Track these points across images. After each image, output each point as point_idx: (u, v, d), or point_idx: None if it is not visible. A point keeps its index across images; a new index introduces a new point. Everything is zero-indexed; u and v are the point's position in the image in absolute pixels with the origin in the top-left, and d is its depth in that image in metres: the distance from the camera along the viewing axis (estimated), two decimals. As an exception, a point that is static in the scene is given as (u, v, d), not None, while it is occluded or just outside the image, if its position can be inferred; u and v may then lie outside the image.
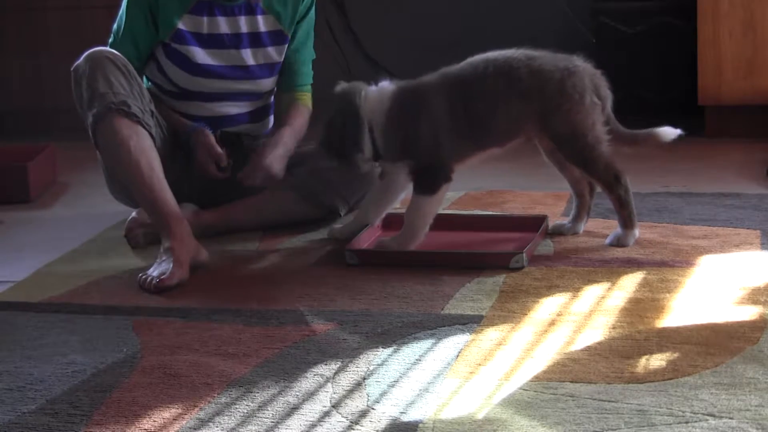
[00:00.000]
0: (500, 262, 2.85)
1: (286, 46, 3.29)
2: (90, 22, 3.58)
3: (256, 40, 3.26)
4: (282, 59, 3.30)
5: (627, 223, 2.99)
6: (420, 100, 2.93)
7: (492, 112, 2.92)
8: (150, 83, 3.31)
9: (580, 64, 2.97)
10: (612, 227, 3.14)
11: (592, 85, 2.95)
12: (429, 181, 2.94)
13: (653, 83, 4.59)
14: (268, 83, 3.31)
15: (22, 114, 5.05)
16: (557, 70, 2.93)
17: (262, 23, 3.26)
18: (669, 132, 3.01)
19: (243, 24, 3.24)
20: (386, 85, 2.97)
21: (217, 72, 3.24)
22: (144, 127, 3.03)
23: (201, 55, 3.22)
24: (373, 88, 2.97)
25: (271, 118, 3.45)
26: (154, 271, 2.87)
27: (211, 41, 3.23)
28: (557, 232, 3.10)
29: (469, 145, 2.96)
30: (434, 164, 2.93)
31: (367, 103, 2.93)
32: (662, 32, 4.53)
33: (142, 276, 2.86)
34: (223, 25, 3.23)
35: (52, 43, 5.00)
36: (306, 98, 3.37)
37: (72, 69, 3.09)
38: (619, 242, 2.99)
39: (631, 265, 2.83)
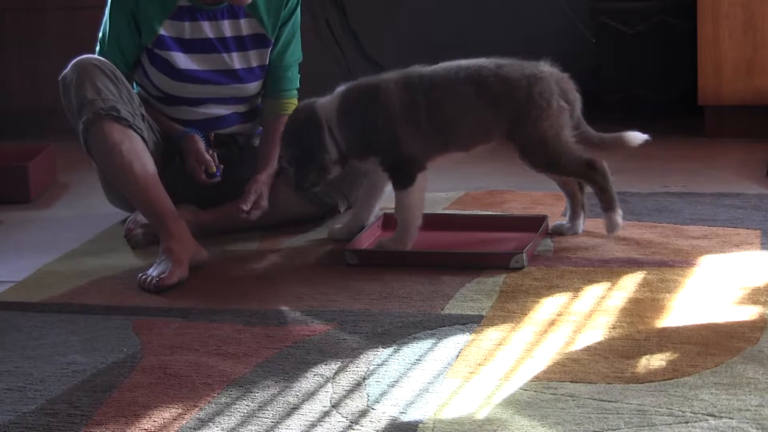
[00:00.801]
0: (500, 262, 2.85)
1: (270, 49, 3.29)
2: (90, 22, 3.58)
3: (240, 43, 3.25)
4: (267, 63, 3.29)
5: (609, 206, 3.00)
6: (372, 95, 2.96)
7: (460, 118, 2.95)
8: (139, 88, 3.31)
9: (547, 69, 2.98)
10: (612, 227, 3.14)
11: (559, 90, 2.95)
12: (403, 173, 2.95)
13: (653, 83, 4.59)
14: (253, 87, 3.30)
15: (22, 114, 5.05)
16: (524, 78, 2.94)
17: (245, 27, 3.24)
18: (637, 136, 3.03)
19: (226, 28, 3.23)
20: (339, 88, 3.02)
21: (201, 77, 3.23)
22: (135, 131, 3.03)
23: (183, 61, 3.21)
24: (326, 96, 3.01)
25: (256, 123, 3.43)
26: (153, 271, 2.87)
27: (194, 46, 3.22)
28: (557, 233, 3.10)
29: (434, 147, 2.98)
30: (402, 158, 2.94)
31: (321, 106, 2.97)
32: (662, 32, 4.53)
33: (141, 276, 2.87)
34: (206, 29, 3.22)
35: (51, 43, 5.00)
36: (291, 106, 3.35)
37: (60, 78, 3.09)
38: (611, 227, 3.00)
39: (631, 265, 2.83)
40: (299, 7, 3.32)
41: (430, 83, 2.96)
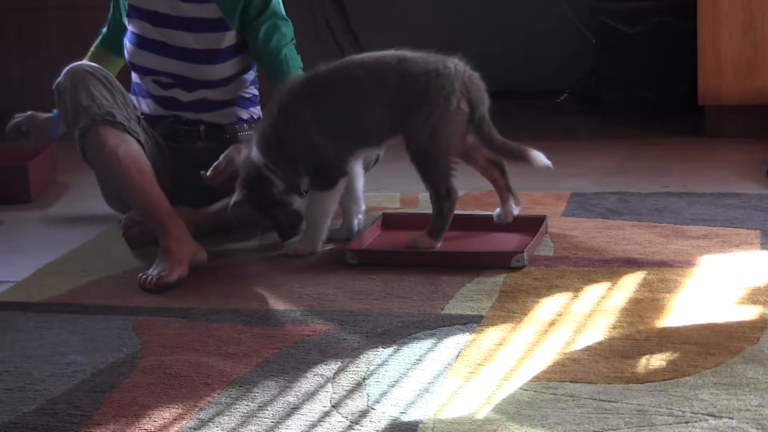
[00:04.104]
0: (501, 262, 2.85)
1: (228, 33, 3.27)
2: (90, 22, 3.59)
3: (195, 24, 3.27)
4: (222, 47, 3.29)
5: (433, 232, 2.94)
6: (278, 112, 2.98)
7: (363, 115, 2.94)
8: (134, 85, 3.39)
9: (452, 66, 2.91)
10: (612, 227, 3.14)
11: (463, 90, 2.88)
12: (325, 177, 2.98)
13: (653, 83, 4.59)
14: (211, 70, 3.30)
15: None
16: (424, 73, 2.89)
17: (202, 9, 3.27)
18: (540, 159, 2.91)
19: (185, 8, 3.26)
20: (254, 131, 3.08)
21: (161, 48, 3.27)
22: (131, 135, 3.05)
23: (149, 30, 3.28)
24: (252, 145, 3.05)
25: (238, 110, 3.41)
26: (153, 271, 2.87)
27: (157, 19, 3.28)
28: (498, 221, 3.09)
29: (348, 145, 2.99)
30: (324, 162, 2.97)
31: (253, 155, 3.00)
32: (662, 32, 4.53)
33: (141, 276, 2.87)
34: (166, 5, 3.26)
35: (52, 43, 5.01)
36: None
37: (54, 86, 3.12)
38: (417, 244, 2.95)
39: (631, 265, 2.83)
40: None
41: (332, 83, 2.96)
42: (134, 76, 3.39)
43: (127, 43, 3.34)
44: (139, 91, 3.38)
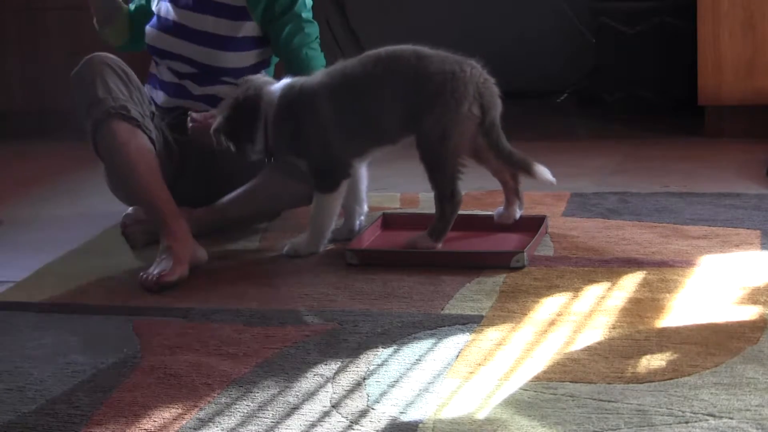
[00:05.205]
0: (501, 262, 2.85)
1: (246, 24, 3.28)
2: (90, 22, 3.59)
3: (218, 9, 3.29)
4: (238, 36, 3.30)
5: (433, 233, 2.94)
6: (304, 101, 2.96)
7: (379, 111, 2.94)
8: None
9: (469, 69, 2.90)
10: (612, 227, 3.14)
11: (476, 94, 2.88)
12: (328, 179, 2.98)
13: (653, 83, 4.60)
14: (224, 57, 3.30)
15: (22, 114, 5.05)
16: (439, 73, 2.88)
17: None
18: (545, 174, 2.93)
19: None
20: (283, 83, 3.02)
21: (181, 32, 3.29)
22: (144, 131, 3.05)
23: (171, 12, 3.31)
24: (275, 85, 3.01)
25: None
26: (154, 270, 2.87)
27: (182, 1, 3.31)
28: (499, 221, 3.09)
29: (363, 142, 2.99)
30: (330, 163, 2.96)
31: (266, 99, 2.98)
32: (662, 32, 4.53)
33: (142, 275, 2.87)
34: None
35: (52, 43, 5.00)
36: None
37: (72, 75, 3.11)
38: (418, 244, 2.95)
39: (631, 265, 2.83)
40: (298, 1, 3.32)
41: (351, 80, 2.95)
42: (152, 66, 3.40)
43: (148, 27, 3.36)
44: (153, 81, 3.39)
